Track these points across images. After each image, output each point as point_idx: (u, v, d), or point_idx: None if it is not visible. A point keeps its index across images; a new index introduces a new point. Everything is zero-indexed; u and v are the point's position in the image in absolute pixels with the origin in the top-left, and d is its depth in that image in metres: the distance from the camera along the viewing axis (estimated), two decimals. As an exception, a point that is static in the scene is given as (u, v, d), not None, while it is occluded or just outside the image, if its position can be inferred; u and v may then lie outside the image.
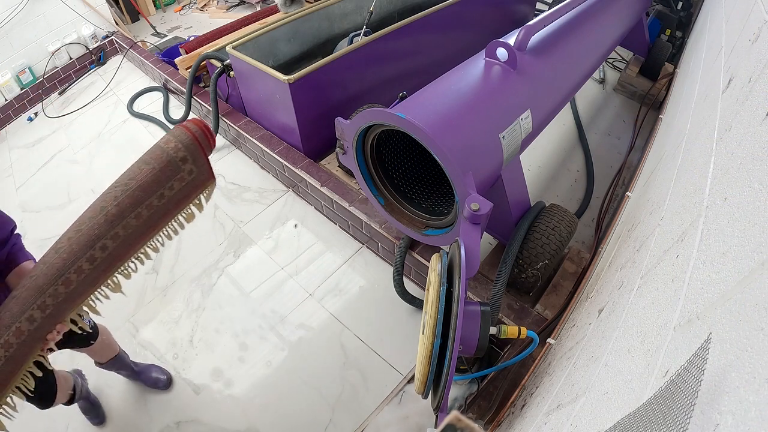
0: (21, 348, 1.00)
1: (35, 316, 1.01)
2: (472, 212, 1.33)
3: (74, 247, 1.06)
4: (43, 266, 1.04)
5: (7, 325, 0.98)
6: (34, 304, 1.01)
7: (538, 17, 1.74)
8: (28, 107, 3.49)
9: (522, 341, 1.59)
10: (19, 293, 1.01)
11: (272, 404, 1.75)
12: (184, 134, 1.18)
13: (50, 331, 1.05)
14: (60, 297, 1.04)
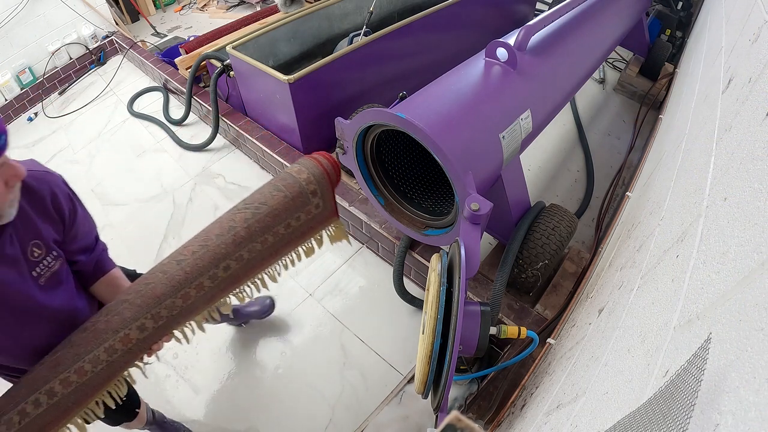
0: (124, 356, 0.98)
1: (147, 325, 0.99)
2: (472, 212, 1.33)
3: (198, 263, 1.05)
4: (162, 275, 1.03)
5: (115, 330, 0.96)
6: (149, 313, 0.99)
7: (538, 17, 1.74)
8: (28, 107, 3.49)
9: (522, 341, 1.59)
10: (132, 298, 1.00)
11: (272, 404, 1.75)
12: (316, 167, 1.21)
13: (156, 342, 1.03)
14: (176, 310, 1.03)
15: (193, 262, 1.04)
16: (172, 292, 1.02)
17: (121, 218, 2.46)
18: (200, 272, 1.04)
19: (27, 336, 0.94)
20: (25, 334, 0.93)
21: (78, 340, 0.96)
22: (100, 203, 2.57)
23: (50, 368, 0.93)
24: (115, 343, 0.96)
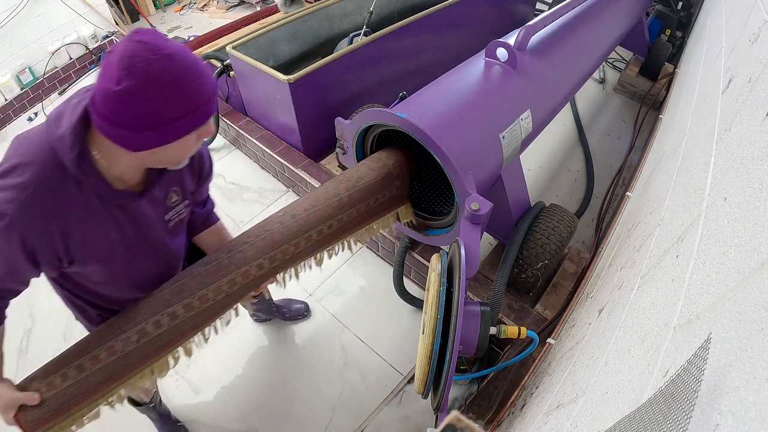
0: (241, 289, 1.12)
1: (264, 264, 1.14)
2: (472, 212, 1.33)
3: (310, 218, 1.24)
4: (279, 225, 1.21)
5: (238, 266, 1.10)
6: (267, 254, 1.15)
7: (538, 17, 1.74)
8: (28, 107, 3.49)
9: (522, 341, 1.59)
10: (253, 240, 1.16)
11: (272, 404, 1.75)
12: (400, 155, 1.46)
13: (263, 282, 1.18)
14: (288, 255, 1.20)
15: (305, 218, 1.24)
16: (287, 240, 1.19)
17: (121, 218, 2.46)
18: (310, 227, 1.24)
19: (143, 269, 1.01)
20: (142, 267, 1.00)
21: (201, 272, 1.08)
22: (100, 203, 2.56)
23: (174, 293, 1.04)
24: (236, 277, 1.10)
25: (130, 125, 0.73)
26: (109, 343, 0.97)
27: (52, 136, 0.77)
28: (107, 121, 0.73)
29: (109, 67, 0.71)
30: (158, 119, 0.73)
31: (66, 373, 0.95)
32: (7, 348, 2.09)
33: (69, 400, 0.95)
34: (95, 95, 0.73)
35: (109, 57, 0.72)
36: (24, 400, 0.95)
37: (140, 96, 0.70)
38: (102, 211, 0.85)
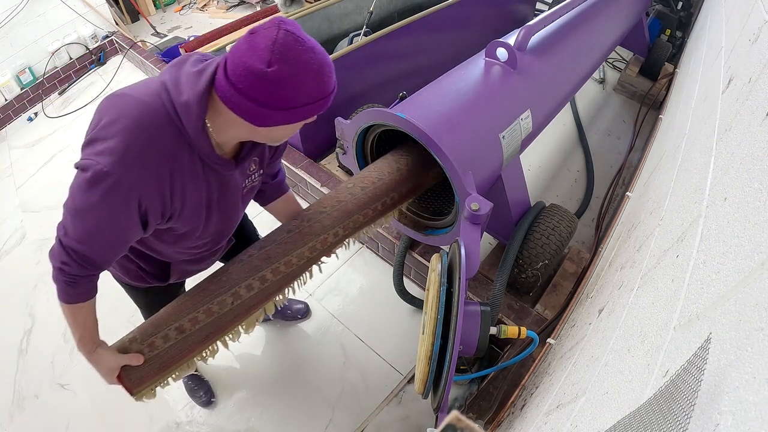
0: (318, 255, 1.23)
1: (339, 233, 1.26)
2: (472, 212, 1.33)
3: (377, 191, 1.38)
4: (351, 196, 1.32)
5: (317, 234, 1.21)
6: (342, 224, 1.26)
7: (538, 17, 1.74)
8: (28, 107, 3.49)
9: (522, 341, 1.59)
10: (329, 211, 1.26)
11: (272, 404, 1.75)
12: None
13: (335, 249, 1.29)
14: (357, 224, 1.31)
15: (372, 191, 1.36)
16: (358, 210, 1.30)
17: (121, 218, 2.46)
18: (377, 198, 1.37)
19: (210, 230, 1.05)
20: (211, 229, 1.04)
21: (285, 239, 1.18)
22: (100, 203, 2.56)
23: (262, 260, 1.14)
24: (316, 244, 1.20)
25: (266, 103, 0.79)
26: (207, 305, 1.07)
27: (175, 102, 0.82)
28: (244, 95, 0.78)
29: (256, 47, 0.76)
30: (293, 102, 0.80)
31: (167, 334, 1.03)
32: (7, 348, 2.10)
33: (170, 358, 1.03)
34: (234, 70, 0.77)
35: (254, 38, 0.77)
36: (128, 361, 1.00)
37: (287, 80, 0.77)
38: (201, 173, 0.91)
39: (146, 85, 0.86)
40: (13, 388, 1.85)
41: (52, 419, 1.76)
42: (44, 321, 2.08)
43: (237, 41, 0.81)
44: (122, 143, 0.79)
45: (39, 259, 2.35)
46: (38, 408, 1.79)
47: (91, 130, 0.84)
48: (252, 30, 0.78)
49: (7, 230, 2.55)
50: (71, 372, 1.89)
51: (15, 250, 2.43)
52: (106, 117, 0.82)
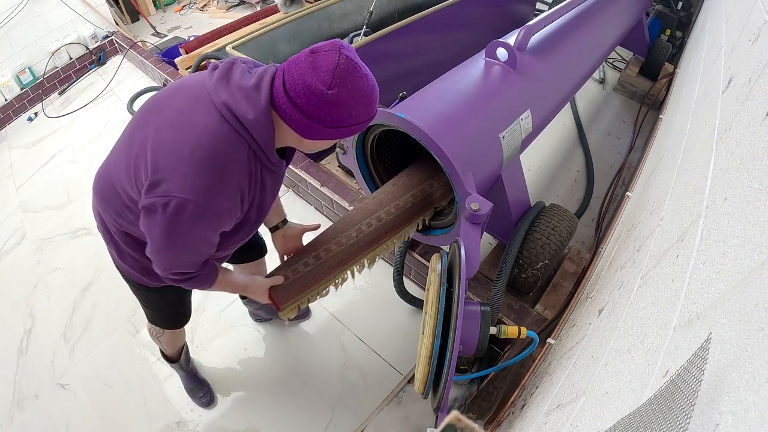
0: (420, 203, 1.53)
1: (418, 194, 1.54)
2: (472, 212, 1.33)
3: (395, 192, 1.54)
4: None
5: (415, 185, 1.53)
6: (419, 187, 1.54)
7: (538, 17, 1.74)
8: (28, 107, 3.49)
9: (522, 341, 1.59)
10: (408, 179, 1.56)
11: (272, 404, 1.75)
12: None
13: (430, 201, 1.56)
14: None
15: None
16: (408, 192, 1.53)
17: (121, 218, 2.46)
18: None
19: (254, 228, 1.13)
20: (252, 222, 1.09)
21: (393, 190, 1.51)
22: (100, 203, 2.56)
23: (376, 204, 1.45)
24: (417, 192, 1.53)
25: (320, 120, 0.87)
26: (337, 239, 1.33)
27: (242, 120, 0.88)
28: (301, 111, 0.86)
29: (319, 69, 0.83)
30: (343, 122, 0.89)
31: (307, 261, 1.29)
32: (7, 348, 2.10)
33: (309, 280, 1.29)
34: (294, 87, 0.85)
35: (316, 59, 0.84)
36: (273, 282, 1.25)
37: (342, 103, 0.85)
38: (260, 177, 0.99)
39: (204, 108, 0.89)
40: (13, 388, 1.85)
41: (52, 419, 1.76)
42: (44, 321, 2.08)
43: (297, 58, 0.87)
44: (204, 173, 0.87)
45: (39, 259, 2.35)
46: (38, 408, 1.79)
47: (157, 170, 0.88)
48: (313, 49, 0.85)
49: (7, 230, 2.55)
50: (71, 372, 1.89)
51: (15, 250, 2.43)
52: (175, 151, 0.87)
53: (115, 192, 1.02)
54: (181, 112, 0.90)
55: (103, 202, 1.10)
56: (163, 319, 1.43)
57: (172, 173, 0.86)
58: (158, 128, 0.90)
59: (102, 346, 1.96)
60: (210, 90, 0.89)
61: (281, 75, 0.87)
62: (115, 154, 1.04)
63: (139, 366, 1.88)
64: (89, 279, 2.21)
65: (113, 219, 1.09)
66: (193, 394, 1.74)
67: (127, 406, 1.78)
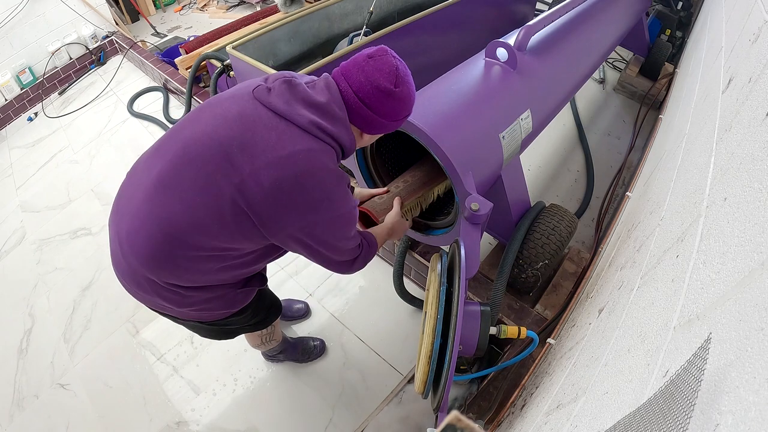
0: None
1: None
2: (472, 212, 1.33)
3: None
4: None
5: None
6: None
7: (538, 17, 1.74)
8: (28, 107, 3.49)
9: (522, 341, 1.59)
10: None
11: (272, 404, 1.75)
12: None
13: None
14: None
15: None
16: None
17: (121, 218, 2.46)
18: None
19: None
20: None
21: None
22: (100, 203, 2.57)
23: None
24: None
25: (384, 115, 1.00)
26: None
27: (332, 133, 0.97)
28: (369, 109, 0.98)
29: (382, 71, 0.96)
30: (399, 115, 1.03)
31: (398, 184, 1.56)
32: (7, 348, 2.11)
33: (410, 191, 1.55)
34: (363, 89, 0.96)
35: (377, 63, 0.96)
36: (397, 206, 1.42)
37: (404, 98, 0.99)
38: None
39: (291, 135, 0.93)
40: (13, 388, 1.86)
41: (52, 419, 1.76)
42: (44, 321, 2.08)
43: (355, 64, 0.97)
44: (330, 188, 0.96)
45: (39, 259, 2.35)
46: (38, 408, 1.79)
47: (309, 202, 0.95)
48: (370, 55, 0.97)
49: (7, 230, 2.55)
50: (71, 372, 1.89)
51: (15, 250, 2.43)
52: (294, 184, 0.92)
53: (182, 248, 0.93)
54: (272, 144, 0.91)
55: (159, 264, 0.96)
56: (268, 316, 1.42)
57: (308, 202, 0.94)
58: (255, 169, 0.88)
59: (102, 346, 1.96)
60: (287, 114, 0.93)
61: (343, 80, 0.98)
62: (175, 208, 0.92)
63: (139, 366, 1.89)
64: (89, 279, 2.21)
65: (186, 276, 0.99)
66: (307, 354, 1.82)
67: (127, 406, 1.78)
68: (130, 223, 0.96)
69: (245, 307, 1.20)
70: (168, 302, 1.04)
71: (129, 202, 0.97)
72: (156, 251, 0.94)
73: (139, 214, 0.94)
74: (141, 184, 0.96)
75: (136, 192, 0.96)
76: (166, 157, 0.94)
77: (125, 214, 0.97)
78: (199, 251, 0.94)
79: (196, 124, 0.95)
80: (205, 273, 1.00)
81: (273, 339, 1.60)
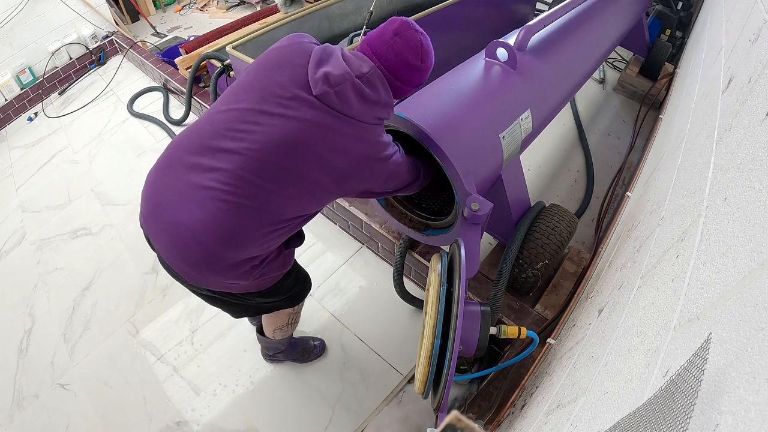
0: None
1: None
2: (472, 212, 1.33)
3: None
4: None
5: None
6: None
7: (538, 17, 1.74)
8: (28, 107, 3.49)
9: (522, 341, 1.59)
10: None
11: (272, 404, 1.75)
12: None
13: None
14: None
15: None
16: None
17: (121, 218, 2.47)
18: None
19: None
20: None
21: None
22: (100, 203, 2.57)
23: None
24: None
25: (409, 83, 1.16)
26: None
27: (388, 117, 1.18)
28: (400, 81, 1.14)
29: (410, 47, 1.10)
30: (421, 81, 1.18)
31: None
32: (7, 348, 2.10)
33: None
34: (396, 66, 1.11)
35: (404, 40, 1.10)
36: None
37: (426, 69, 1.16)
38: None
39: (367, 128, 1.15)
40: (13, 388, 1.86)
41: (52, 419, 1.76)
42: (44, 321, 2.08)
43: (382, 39, 1.11)
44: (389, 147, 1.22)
45: (39, 259, 2.35)
46: (38, 408, 1.79)
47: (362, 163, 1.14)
48: (395, 32, 1.11)
49: (7, 230, 2.55)
50: (71, 372, 1.89)
51: (15, 250, 2.43)
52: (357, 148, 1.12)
53: (267, 223, 1.05)
54: (343, 143, 1.08)
55: (241, 246, 1.05)
56: (305, 286, 1.50)
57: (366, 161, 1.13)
58: (343, 156, 1.08)
59: (102, 346, 1.96)
60: (351, 114, 1.07)
61: (375, 60, 1.11)
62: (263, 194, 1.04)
63: (139, 366, 1.89)
64: (89, 279, 2.21)
65: (267, 248, 1.11)
66: (307, 354, 1.82)
67: (127, 406, 1.78)
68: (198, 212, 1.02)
69: (291, 270, 1.31)
70: (239, 278, 1.12)
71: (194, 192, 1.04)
72: (227, 238, 1.03)
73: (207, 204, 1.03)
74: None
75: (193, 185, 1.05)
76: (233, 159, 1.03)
77: (193, 206, 1.02)
78: (268, 225, 1.06)
79: (267, 128, 1.03)
80: (273, 236, 1.09)
81: (296, 321, 1.61)
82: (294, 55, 1.09)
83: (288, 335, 1.65)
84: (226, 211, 1.00)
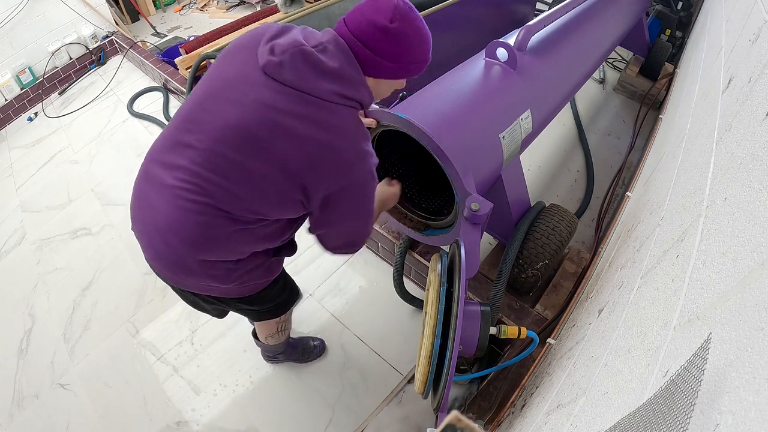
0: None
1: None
2: (472, 212, 1.33)
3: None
4: None
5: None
6: None
7: (538, 17, 1.74)
8: (28, 107, 3.49)
9: (522, 341, 1.59)
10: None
11: (272, 404, 1.75)
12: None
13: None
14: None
15: None
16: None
17: (121, 218, 2.46)
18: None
19: None
20: None
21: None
22: (100, 203, 2.57)
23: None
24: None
25: (384, 54, 0.95)
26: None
27: (355, 97, 0.97)
28: (369, 49, 0.95)
29: (380, 8, 0.93)
30: (403, 58, 0.97)
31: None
32: (7, 348, 2.10)
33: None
34: (359, 27, 0.94)
35: (376, 2, 0.93)
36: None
37: (403, 36, 0.94)
38: None
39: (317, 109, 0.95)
40: (13, 388, 1.86)
41: (52, 419, 1.76)
42: (44, 321, 2.08)
43: (357, 7, 0.95)
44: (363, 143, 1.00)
45: (39, 259, 2.35)
46: (38, 408, 1.79)
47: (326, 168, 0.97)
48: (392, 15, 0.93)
49: (7, 230, 2.55)
50: (71, 372, 1.89)
51: (15, 250, 2.43)
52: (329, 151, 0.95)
53: (227, 222, 0.97)
54: (296, 127, 0.91)
55: (204, 247, 1.01)
56: (291, 295, 1.43)
57: (340, 165, 0.95)
58: (298, 145, 0.92)
59: (102, 346, 1.96)
60: (307, 90, 0.91)
61: (343, 25, 0.96)
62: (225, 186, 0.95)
63: (139, 366, 1.89)
64: (89, 279, 2.21)
65: (234, 250, 1.03)
66: (307, 354, 1.81)
67: (127, 406, 1.78)
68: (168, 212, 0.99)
69: (278, 278, 1.25)
70: (215, 281, 1.07)
71: (160, 192, 1.00)
72: (196, 241, 0.99)
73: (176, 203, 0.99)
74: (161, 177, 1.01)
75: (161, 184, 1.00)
76: (186, 154, 0.96)
77: (160, 205, 1.00)
78: (235, 226, 0.99)
79: (217, 116, 0.94)
80: (245, 242, 1.03)
81: (287, 328, 1.60)
82: (251, 39, 0.99)
83: (282, 341, 1.64)
84: (186, 210, 0.96)
